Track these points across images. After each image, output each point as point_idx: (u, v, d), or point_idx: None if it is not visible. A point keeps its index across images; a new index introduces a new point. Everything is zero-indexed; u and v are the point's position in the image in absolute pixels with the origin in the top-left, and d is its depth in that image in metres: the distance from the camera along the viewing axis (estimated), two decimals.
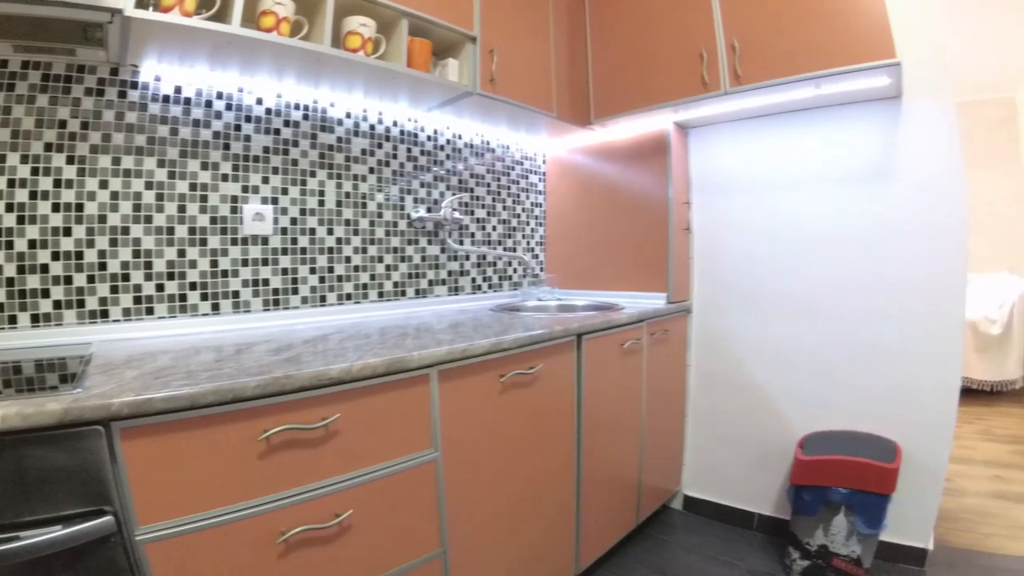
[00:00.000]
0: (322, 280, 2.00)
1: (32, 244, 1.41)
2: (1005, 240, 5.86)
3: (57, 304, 1.43)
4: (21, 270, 1.39)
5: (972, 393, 4.56)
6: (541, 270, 2.92)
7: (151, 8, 1.30)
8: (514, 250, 2.77)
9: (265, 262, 1.84)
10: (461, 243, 2.50)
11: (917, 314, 2.07)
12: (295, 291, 1.92)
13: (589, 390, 1.94)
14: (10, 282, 1.38)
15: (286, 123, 1.87)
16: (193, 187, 1.66)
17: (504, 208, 2.70)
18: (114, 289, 1.52)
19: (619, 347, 2.10)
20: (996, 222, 5.92)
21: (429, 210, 2.35)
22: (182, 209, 1.64)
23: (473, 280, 2.57)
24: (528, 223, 2.84)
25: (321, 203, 1.98)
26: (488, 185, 2.62)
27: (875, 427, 2.18)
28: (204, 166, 1.68)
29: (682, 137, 2.54)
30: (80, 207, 1.46)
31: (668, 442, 2.54)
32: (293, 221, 1.90)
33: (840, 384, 2.25)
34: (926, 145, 2.04)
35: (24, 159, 1.39)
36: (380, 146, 2.16)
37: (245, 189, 1.78)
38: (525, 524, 1.72)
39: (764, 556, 2.27)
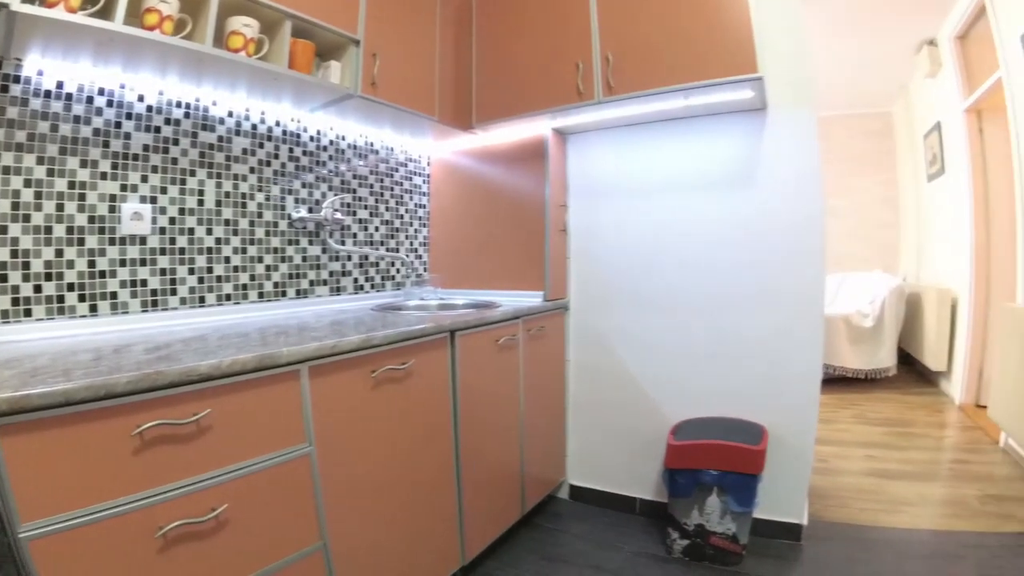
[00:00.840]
0: (201, 281, 2.14)
1: None
2: (879, 241, 6.99)
3: None
4: None
5: (848, 381, 5.45)
6: (425, 270, 3.21)
7: (37, 3, 1.43)
8: (397, 250, 3.03)
9: (143, 262, 1.97)
10: (343, 243, 2.72)
11: (781, 308, 2.51)
12: (174, 292, 2.06)
13: (465, 385, 2.19)
14: None
15: (167, 121, 2.03)
16: (72, 185, 1.78)
17: (387, 209, 2.96)
18: None
19: (494, 343, 2.38)
20: (871, 225, 7.05)
21: (310, 210, 2.55)
22: (60, 208, 1.76)
23: (355, 280, 2.80)
24: (412, 224, 3.11)
25: (200, 203, 2.14)
26: (371, 186, 2.87)
27: (744, 412, 2.61)
28: (83, 164, 1.81)
29: (560, 143, 2.92)
30: None
31: (550, 434, 2.88)
32: (172, 221, 2.05)
33: (711, 374, 2.67)
34: (788, 154, 2.48)
35: None
36: (262, 146, 2.35)
37: (124, 188, 1.91)
38: (407, 515, 1.92)
39: (647, 538, 2.63)
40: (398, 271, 3.06)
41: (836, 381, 5.46)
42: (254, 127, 2.32)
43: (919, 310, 5.49)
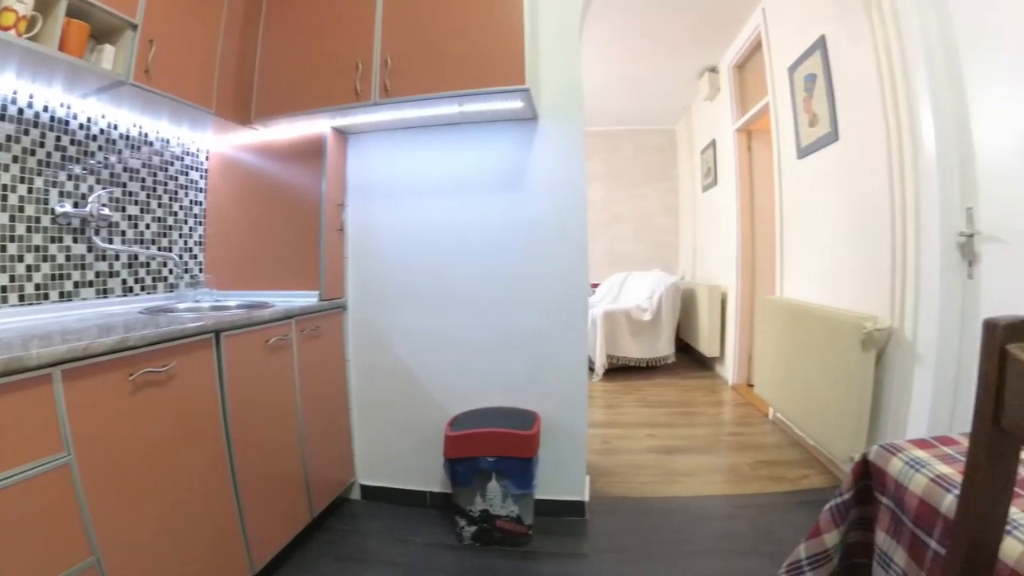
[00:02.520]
0: None
1: None
2: (660, 243, 8.69)
3: None
4: None
5: (631, 369, 6.68)
6: (200, 271, 3.45)
7: None
8: (170, 250, 3.25)
9: None
10: (110, 242, 2.88)
11: (549, 303, 3.15)
12: None
13: (234, 387, 2.36)
14: None
15: None
16: None
17: (160, 205, 3.17)
18: None
19: (264, 344, 2.61)
20: (653, 229, 8.79)
21: (76, 205, 2.68)
22: None
23: (124, 282, 2.96)
24: (187, 221, 3.35)
25: None
26: (143, 180, 3.07)
27: (519, 402, 3.21)
28: None
29: (341, 142, 3.35)
30: None
31: (334, 435, 3.26)
32: None
33: (486, 367, 3.26)
34: (556, 161, 3.13)
35: None
36: (27, 132, 2.45)
37: None
38: (186, 524, 2.06)
39: (439, 529, 3.11)
40: (171, 272, 3.25)
41: (620, 370, 6.62)
42: (20, 112, 2.40)
43: (694, 304, 6.89)
